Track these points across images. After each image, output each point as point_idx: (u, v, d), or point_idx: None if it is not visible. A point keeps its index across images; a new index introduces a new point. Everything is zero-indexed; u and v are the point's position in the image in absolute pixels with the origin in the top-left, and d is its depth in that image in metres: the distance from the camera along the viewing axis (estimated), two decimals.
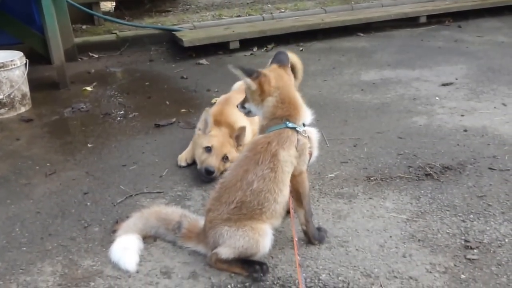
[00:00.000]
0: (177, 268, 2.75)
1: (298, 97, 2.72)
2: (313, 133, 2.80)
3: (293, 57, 4.98)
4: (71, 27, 7.33)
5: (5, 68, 5.17)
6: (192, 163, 3.93)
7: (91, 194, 3.60)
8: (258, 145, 2.64)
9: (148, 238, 2.97)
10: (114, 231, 3.00)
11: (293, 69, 4.93)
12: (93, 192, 3.63)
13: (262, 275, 2.63)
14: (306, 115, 2.73)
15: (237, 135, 3.74)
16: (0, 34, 6.70)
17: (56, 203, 3.50)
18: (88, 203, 3.48)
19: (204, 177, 3.67)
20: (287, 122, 2.63)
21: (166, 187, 3.65)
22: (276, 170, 2.59)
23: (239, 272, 2.66)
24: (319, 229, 2.94)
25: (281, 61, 2.81)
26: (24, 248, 3.00)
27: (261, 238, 2.60)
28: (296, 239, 2.62)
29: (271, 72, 2.71)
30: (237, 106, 2.95)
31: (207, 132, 3.81)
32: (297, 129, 2.63)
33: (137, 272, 2.72)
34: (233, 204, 2.61)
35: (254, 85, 2.67)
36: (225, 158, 3.72)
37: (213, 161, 3.66)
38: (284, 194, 2.64)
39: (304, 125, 2.71)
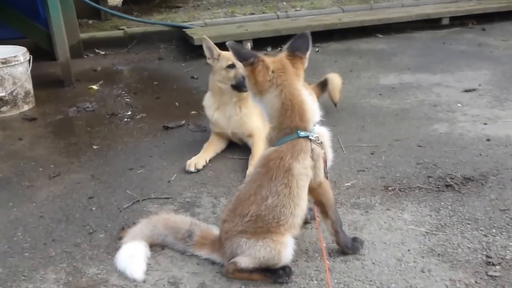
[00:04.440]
0: (185, 278, 2.76)
1: (303, 96, 2.60)
2: (324, 134, 2.73)
3: (333, 76, 4.97)
4: (77, 21, 7.40)
5: (8, 64, 5.23)
6: (202, 169, 3.96)
7: (96, 199, 3.63)
8: (270, 161, 2.59)
9: (155, 246, 2.99)
10: (120, 238, 3.03)
11: (325, 85, 4.96)
12: (98, 196, 3.67)
13: (287, 278, 2.67)
14: (315, 114, 2.67)
15: None
16: (2, 28, 6.76)
17: (60, 207, 3.54)
18: (93, 208, 3.51)
19: (242, 86, 3.81)
20: (299, 132, 2.57)
21: (174, 193, 3.67)
22: (290, 186, 2.56)
23: (261, 280, 2.68)
24: (354, 239, 2.93)
25: (296, 48, 2.63)
26: (27, 254, 3.04)
27: (283, 248, 2.61)
28: (324, 245, 2.67)
29: (274, 63, 2.60)
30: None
31: (216, 55, 3.85)
32: (309, 137, 2.58)
33: (144, 281, 2.74)
34: (247, 217, 2.61)
35: (245, 71, 2.63)
36: None
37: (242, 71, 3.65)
38: (301, 208, 2.64)
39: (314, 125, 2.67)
